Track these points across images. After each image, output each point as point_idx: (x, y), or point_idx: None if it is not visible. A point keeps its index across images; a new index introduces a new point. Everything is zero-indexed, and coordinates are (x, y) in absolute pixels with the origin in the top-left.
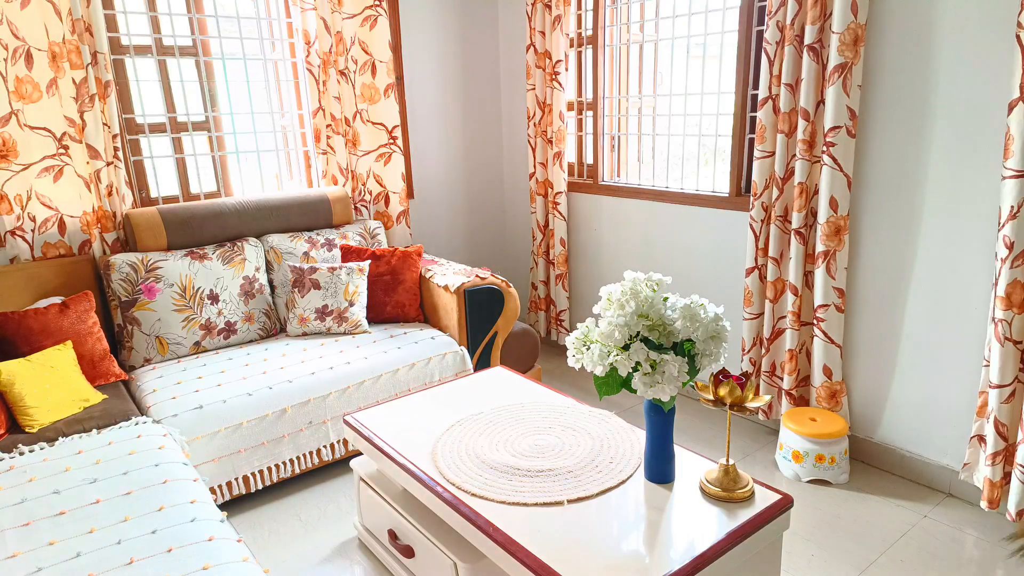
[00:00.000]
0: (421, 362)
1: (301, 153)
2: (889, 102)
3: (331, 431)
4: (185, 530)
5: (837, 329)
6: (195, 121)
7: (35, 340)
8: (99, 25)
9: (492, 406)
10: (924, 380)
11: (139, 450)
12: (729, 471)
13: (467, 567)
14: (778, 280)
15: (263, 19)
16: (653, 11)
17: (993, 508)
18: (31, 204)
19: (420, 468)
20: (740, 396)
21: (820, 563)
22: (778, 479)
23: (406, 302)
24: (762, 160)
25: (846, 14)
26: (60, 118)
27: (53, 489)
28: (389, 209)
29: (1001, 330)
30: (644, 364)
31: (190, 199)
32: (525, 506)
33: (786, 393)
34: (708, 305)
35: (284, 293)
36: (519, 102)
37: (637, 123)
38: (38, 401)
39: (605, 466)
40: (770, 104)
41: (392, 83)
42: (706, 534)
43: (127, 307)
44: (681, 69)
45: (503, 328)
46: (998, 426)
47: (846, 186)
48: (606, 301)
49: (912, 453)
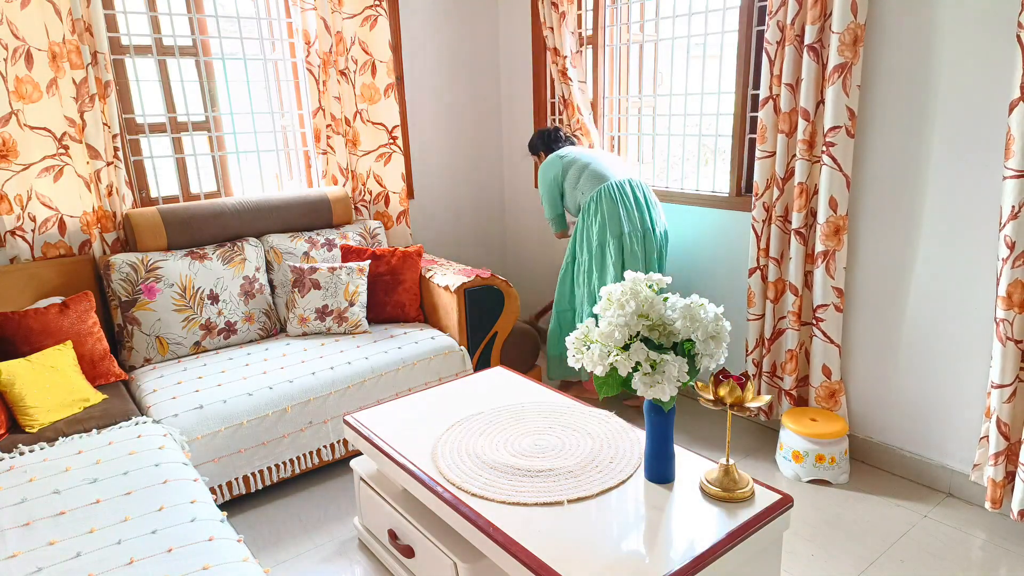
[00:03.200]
0: (421, 362)
1: (301, 153)
2: (889, 102)
3: (331, 431)
4: (185, 530)
5: (836, 329)
6: (195, 121)
7: (35, 340)
8: (99, 25)
9: (492, 406)
10: (924, 380)
11: (139, 450)
12: (729, 471)
13: (467, 567)
14: (779, 280)
15: (263, 19)
16: (653, 11)
17: (996, 508)
18: (31, 204)
19: (420, 468)
20: (740, 396)
21: (820, 563)
22: (778, 479)
23: (406, 302)
24: (763, 160)
25: (846, 14)
26: (60, 118)
27: (53, 489)
28: (389, 209)
29: (1003, 330)
30: (644, 364)
31: (190, 199)
32: (525, 506)
33: (786, 393)
34: (708, 305)
35: (284, 293)
36: (519, 101)
37: (637, 123)
38: (38, 401)
39: (605, 466)
40: (771, 104)
41: (392, 83)
42: (706, 534)
43: (127, 307)
44: (681, 69)
45: (503, 328)
46: (1000, 426)
47: (845, 186)
48: (606, 301)
49: (912, 453)
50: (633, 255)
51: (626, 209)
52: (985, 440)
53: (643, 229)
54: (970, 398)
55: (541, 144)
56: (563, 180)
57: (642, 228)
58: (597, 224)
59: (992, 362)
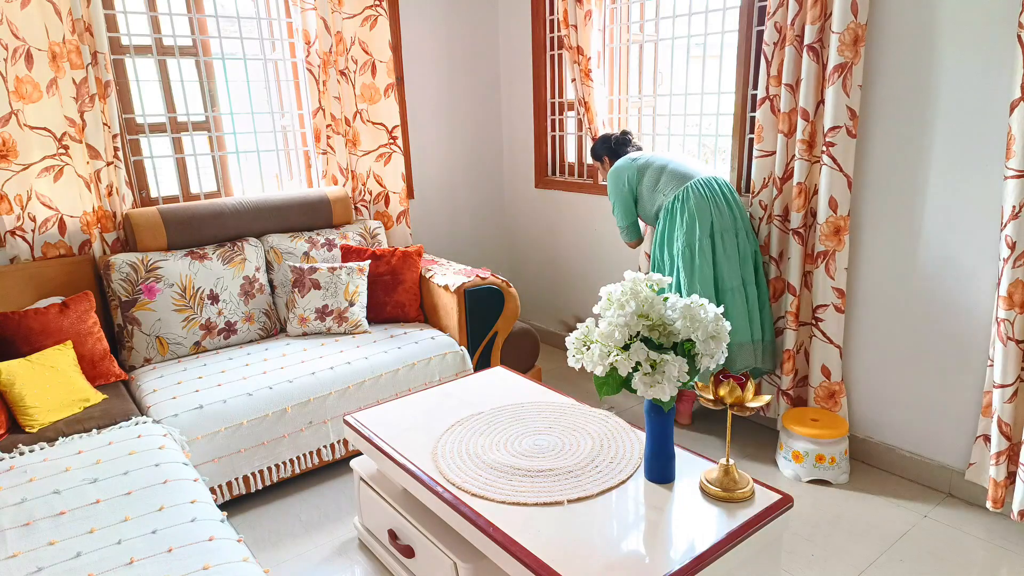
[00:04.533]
0: (421, 362)
1: (301, 153)
2: (889, 102)
3: (331, 431)
4: (185, 530)
5: (836, 329)
6: (195, 121)
7: (35, 340)
8: (99, 25)
9: (492, 406)
10: (924, 380)
11: (139, 450)
12: (729, 471)
13: (467, 567)
14: (778, 280)
15: (263, 19)
16: (653, 11)
17: (998, 508)
18: (31, 204)
19: (420, 468)
20: (740, 396)
21: (820, 563)
22: (778, 479)
23: (406, 302)
24: (760, 160)
25: (846, 14)
26: (60, 118)
27: (53, 489)
28: (389, 209)
29: (1004, 330)
30: (644, 364)
31: (190, 199)
32: (525, 506)
33: (783, 393)
34: (708, 305)
35: (284, 293)
36: (519, 101)
37: (637, 123)
38: (38, 401)
39: (605, 466)
40: (768, 104)
41: (392, 83)
42: (706, 534)
43: (127, 307)
44: (681, 69)
45: (503, 328)
46: (1001, 426)
47: (846, 186)
48: (606, 301)
49: (912, 453)
50: (726, 255)
51: (717, 207)
52: (983, 439)
53: (735, 228)
54: (970, 398)
55: (605, 150)
56: (638, 184)
57: (734, 227)
58: (685, 224)
59: (993, 362)
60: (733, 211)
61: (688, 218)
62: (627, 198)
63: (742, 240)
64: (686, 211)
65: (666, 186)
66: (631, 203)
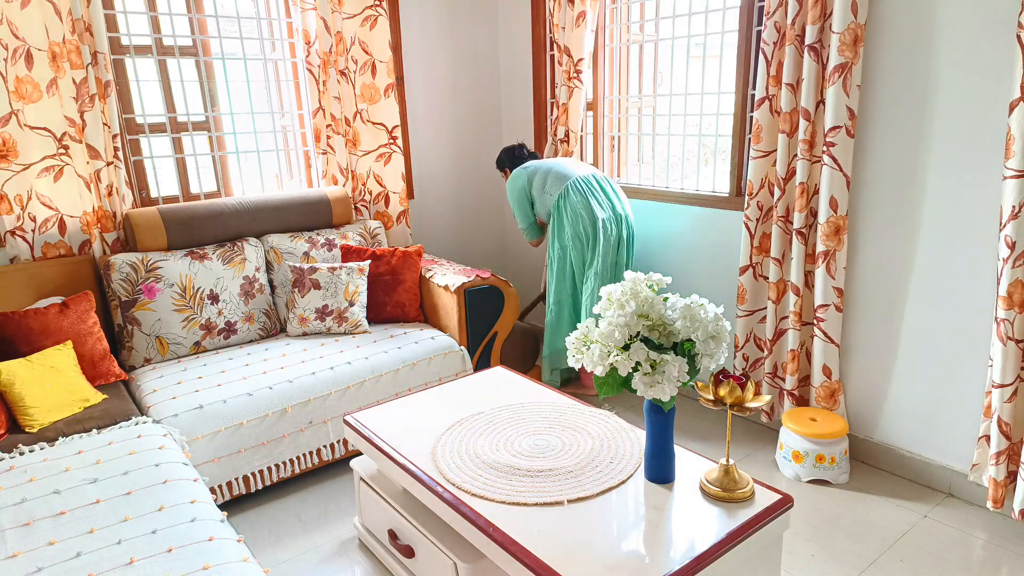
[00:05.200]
0: (421, 362)
1: (301, 153)
2: (889, 102)
3: (331, 431)
4: (185, 530)
5: (836, 329)
6: (195, 121)
7: (35, 340)
8: (99, 25)
9: (492, 406)
10: (924, 380)
11: (139, 450)
12: (729, 471)
13: (467, 567)
14: (780, 280)
15: (263, 19)
16: (653, 11)
17: (998, 508)
18: (31, 204)
19: (420, 468)
20: (740, 396)
21: (820, 563)
22: (778, 479)
23: (406, 302)
24: (758, 160)
25: (846, 14)
26: (60, 118)
27: (53, 489)
28: (389, 209)
29: (1003, 330)
30: (644, 364)
31: (190, 199)
32: (525, 506)
33: (788, 393)
34: (708, 305)
35: (284, 293)
36: (519, 101)
37: (637, 123)
38: (38, 401)
39: (605, 466)
40: (767, 104)
41: (392, 83)
42: (706, 534)
43: (127, 307)
44: (681, 69)
45: (503, 328)
46: (1001, 425)
47: (845, 186)
48: (606, 301)
49: (912, 453)
50: (608, 242)
51: (596, 199)
52: (985, 440)
53: (615, 215)
54: (970, 398)
55: (508, 160)
56: (530, 188)
57: (615, 214)
58: (569, 218)
59: (992, 362)
60: (612, 202)
61: (572, 212)
62: (523, 202)
63: (622, 227)
64: (568, 206)
65: (552, 187)
66: (527, 206)
